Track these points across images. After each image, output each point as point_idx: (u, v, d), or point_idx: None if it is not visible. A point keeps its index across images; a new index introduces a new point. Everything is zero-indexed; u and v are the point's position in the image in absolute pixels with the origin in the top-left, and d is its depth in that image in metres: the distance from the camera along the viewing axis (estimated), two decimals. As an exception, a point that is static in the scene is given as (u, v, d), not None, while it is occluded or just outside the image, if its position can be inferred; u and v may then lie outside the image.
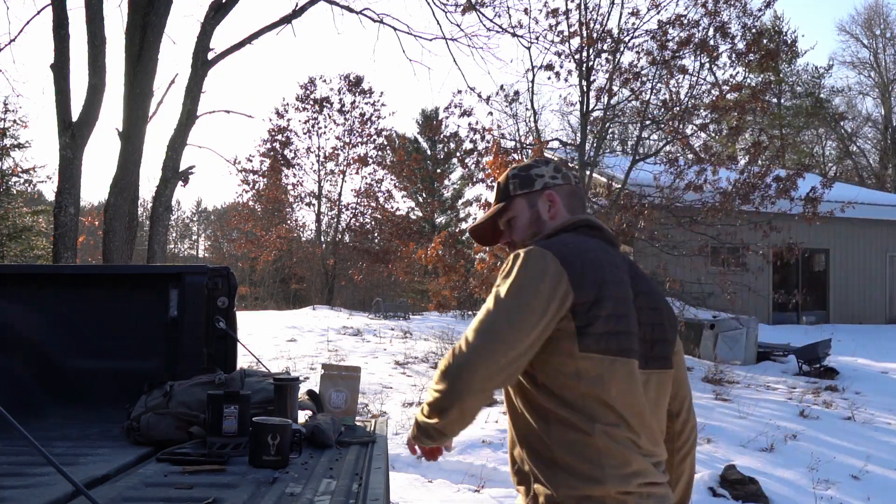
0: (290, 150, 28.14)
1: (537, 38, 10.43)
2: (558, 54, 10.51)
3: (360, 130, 28.58)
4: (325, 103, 28.15)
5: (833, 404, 7.02)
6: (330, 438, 2.08)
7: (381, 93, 30.46)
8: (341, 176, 28.73)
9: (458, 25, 18.54)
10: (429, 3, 10.49)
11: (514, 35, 10.47)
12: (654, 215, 10.33)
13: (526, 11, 10.45)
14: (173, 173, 8.93)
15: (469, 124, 10.49)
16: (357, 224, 28.51)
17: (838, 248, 16.42)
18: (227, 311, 2.62)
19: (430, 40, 10.79)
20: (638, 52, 10.35)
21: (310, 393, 2.47)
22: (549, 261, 1.42)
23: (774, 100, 27.55)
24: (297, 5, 9.86)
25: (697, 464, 4.65)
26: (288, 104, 28.33)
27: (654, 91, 10.53)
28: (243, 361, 3.06)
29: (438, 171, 33.74)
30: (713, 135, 11.47)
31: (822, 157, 33.87)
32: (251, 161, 27.49)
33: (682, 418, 1.62)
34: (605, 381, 1.39)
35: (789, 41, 29.15)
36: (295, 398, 2.19)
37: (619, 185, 10.80)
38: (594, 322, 1.40)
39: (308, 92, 28.16)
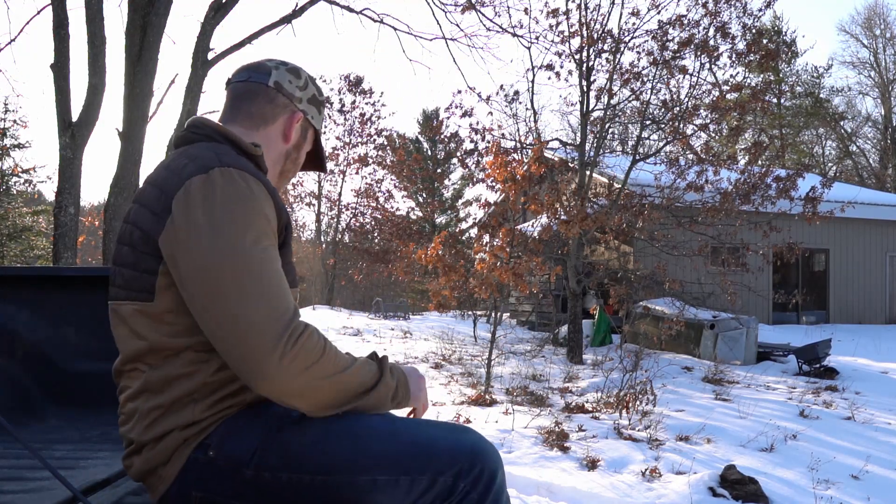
0: (290, 150, 28.10)
1: (537, 38, 10.44)
2: (558, 54, 10.52)
3: (360, 130, 28.56)
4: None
5: (833, 404, 7.00)
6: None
7: (382, 93, 30.53)
8: (341, 176, 28.71)
9: (457, 25, 18.50)
10: (429, 3, 10.48)
11: (514, 35, 10.47)
12: (655, 215, 10.32)
13: (526, 11, 10.47)
14: (173, 173, 8.89)
15: (470, 125, 10.52)
16: (357, 224, 28.48)
17: (838, 247, 16.42)
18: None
19: (430, 40, 10.79)
20: (638, 53, 10.36)
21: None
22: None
23: (774, 100, 27.52)
24: (297, 5, 9.85)
25: (697, 463, 4.66)
26: (288, 104, 28.30)
27: (655, 91, 10.53)
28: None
29: (439, 171, 33.74)
30: (713, 135, 11.47)
31: (822, 157, 33.87)
32: (251, 161, 27.47)
33: None
34: None
35: (789, 41, 29.22)
36: None
37: (620, 185, 10.80)
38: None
39: (308, 92, 28.14)
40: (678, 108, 10.43)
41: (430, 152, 34.83)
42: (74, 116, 7.78)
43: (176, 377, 1.24)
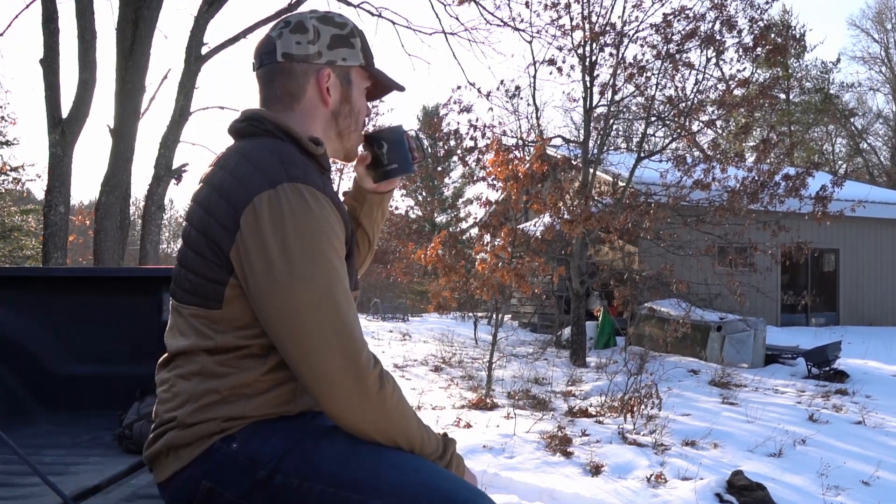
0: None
1: (538, 32, 10.28)
2: (560, 49, 10.33)
3: (360, 129, 28.55)
4: (324, 101, 28.14)
5: (843, 408, 6.87)
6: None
7: (381, 89, 30.32)
8: (339, 175, 28.63)
9: (456, 18, 18.36)
10: (428, -3, 10.33)
11: (514, 29, 10.31)
12: (660, 214, 10.12)
13: (526, 4, 10.28)
14: (166, 171, 8.79)
15: (469, 121, 10.34)
16: (358, 224, 28.44)
17: (848, 247, 16.19)
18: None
19: (430, 34, 10.67)
20: (642, 46, 10.17)
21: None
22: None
23: (783, 96, 27.29)
24: (293, -1, 9.73)
25: (704, 469, 4.52)
26: (287, 102, 28.29)
27: (660, 87, 10.33)
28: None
29: (439, 169, 33.60)
30: (720, 131, 11.27)
31: (832, 154, 33.56)
32: (250, 160, 27.45)
33: None
34: None
35: (798, 36, 28.94)
36: None
37: (624, 184, 10.60)
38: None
39: (307, 90, 28.15)
40: (684, 105, 10.23)
41: (430, 150, 34.72)
42: (64, 113, 7.69)
43: (234, 367, 1.23)
